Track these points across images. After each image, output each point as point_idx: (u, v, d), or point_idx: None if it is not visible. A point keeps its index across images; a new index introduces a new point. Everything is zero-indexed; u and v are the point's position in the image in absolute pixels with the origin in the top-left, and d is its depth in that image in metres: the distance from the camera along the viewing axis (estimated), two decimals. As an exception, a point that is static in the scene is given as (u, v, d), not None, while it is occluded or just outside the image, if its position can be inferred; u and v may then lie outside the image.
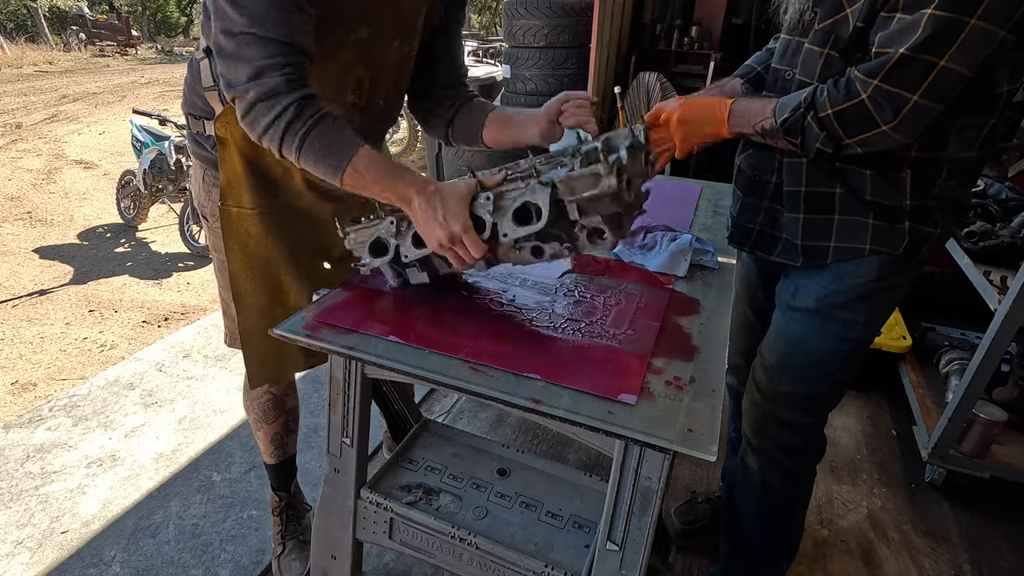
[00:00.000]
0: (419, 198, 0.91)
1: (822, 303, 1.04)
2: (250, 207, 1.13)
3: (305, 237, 1.22)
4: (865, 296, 1.02)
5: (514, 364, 0.88)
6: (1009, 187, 1.98)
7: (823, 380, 1.09)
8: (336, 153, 0.91)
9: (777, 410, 1.14)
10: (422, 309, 1.04)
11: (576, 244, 0.93)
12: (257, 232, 1.15)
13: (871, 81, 0.81)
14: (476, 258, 0.92)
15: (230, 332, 1.32)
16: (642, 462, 0.82)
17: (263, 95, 0.89)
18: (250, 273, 1.18)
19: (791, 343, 1.09)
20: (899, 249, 0.96)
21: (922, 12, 0.76)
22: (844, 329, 1.04)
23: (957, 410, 1.64)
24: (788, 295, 1.10)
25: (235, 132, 1.04)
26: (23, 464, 1.83)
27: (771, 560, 1.30)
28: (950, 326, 2.30)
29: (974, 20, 0.73)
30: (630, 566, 0.89)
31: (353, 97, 1.11)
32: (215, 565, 1.51)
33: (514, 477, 1.22)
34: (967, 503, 1.76)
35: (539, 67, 3.76)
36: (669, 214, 1.49)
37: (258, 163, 1.11)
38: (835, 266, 1.01)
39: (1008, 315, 1.45)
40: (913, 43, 0.77)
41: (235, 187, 1.11)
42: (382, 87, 1.14)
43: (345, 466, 1.11)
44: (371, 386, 1.07)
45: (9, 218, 4.28)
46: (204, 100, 1.10)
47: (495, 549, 1.04)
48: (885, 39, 0.80)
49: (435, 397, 2.16)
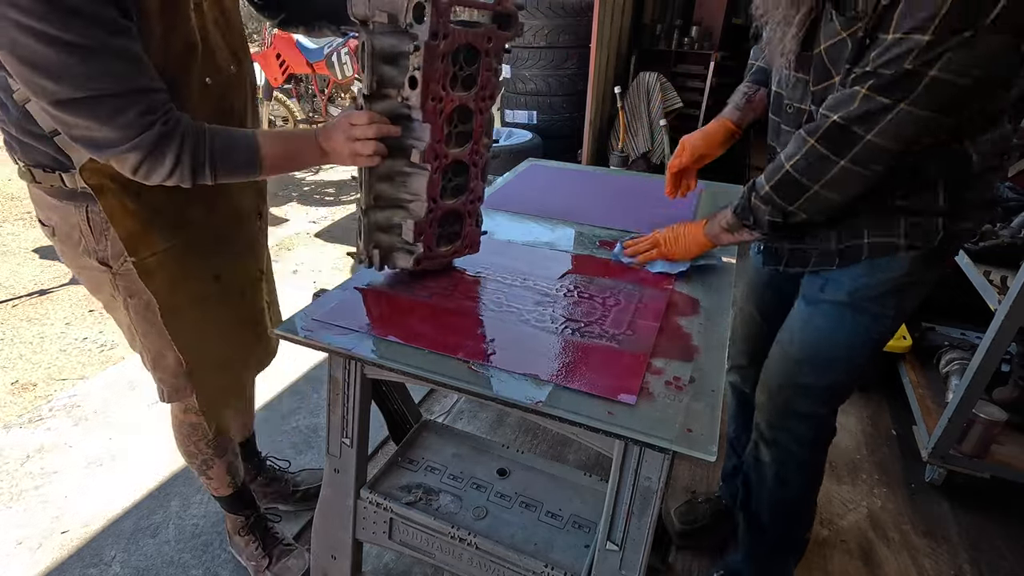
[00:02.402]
0: (326, 143, 0.98)
1: (854, 296, 1.03)
2: (166, 245, 1.02)
3: (233, 252, 1.16)
4: (896, 291, 1.01)
5: (514, 364, 0.88)
6: (1009, 187, 1.98)
7: (848, 372, 1.11)
8: (244, 156, 0.92)
9: (795, 403, 1.14)
10: (422, 309, 1.04)
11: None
12: (188, 266, 1.06)
13: (809, 140, 0.88)
14: (387, 129, 0.97)
15: (169, 386, 1.18)
16: (642, 462, 0.82)
17: (147, 153, 0.83)
18: (198, 313, 1.10)
19: (817, 335, 1.09)
20: (934, 242, 0.96)
21: (855, 89, 0.82)
22: (874, 322, 1.05)
23: (957, 410, 1.64)
24: (815, 289, 1.09)
25: (111, 173, 0.90)
26: (23, 464, 1.83)
27: (790, 546, 1.33)
28: (950, 326, 2.30)
29: (903, 105, 0.79)
30: (630, 566, 0.89)
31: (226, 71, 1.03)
32: (215, 565, 1.51)
33: (514, 477, 1.22)
34: (967, 503, 1.76)
35: (539, 67, 3.76)
36: (668, 214, 1.49)
37: (152, 196, 0.96)
38: (867, 261, 1.01)
39: (1008, 315, 1.45)
40: (845, 114, 0.83)
41: (139, 235, 0.98)
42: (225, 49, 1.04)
43: (345, 466, 1.11)
44: (371, 386, 1.07)
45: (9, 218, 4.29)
46: (50, 145, 0.91)
47: (495, 549, 1.04)
48: (828, 104, 0.86)
49: (435, 397, 2.16)
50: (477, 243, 1.19)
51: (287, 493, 1.64)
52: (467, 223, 1.14)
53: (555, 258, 1.27)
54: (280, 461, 1.70)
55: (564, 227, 1.46)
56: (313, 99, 5.08)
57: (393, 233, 1.08)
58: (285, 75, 4.65)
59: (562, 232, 1.43)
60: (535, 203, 1.59)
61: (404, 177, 1.04)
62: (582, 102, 3.56)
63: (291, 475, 1.68)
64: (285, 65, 4.58)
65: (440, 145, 1.00)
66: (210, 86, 0.98)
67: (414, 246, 1.08)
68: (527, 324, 1.00)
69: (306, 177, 4.75)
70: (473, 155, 1.08)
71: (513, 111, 3.98)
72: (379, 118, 0.96)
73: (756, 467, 1.25)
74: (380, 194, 1.05)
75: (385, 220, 1.08)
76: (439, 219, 1.08)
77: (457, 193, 1.10)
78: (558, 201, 1.60)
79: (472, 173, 1.10)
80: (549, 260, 1.25)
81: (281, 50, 4.51)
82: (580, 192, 1.72)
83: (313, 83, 5.00)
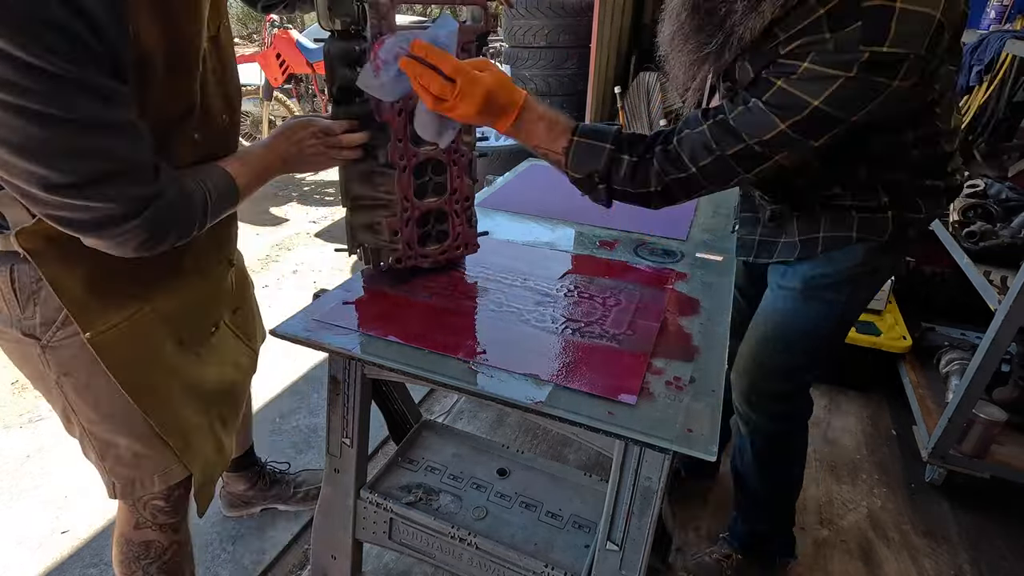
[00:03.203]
0: (280, 159, 0.96)
1: (808, 284, 1.10)
2: (126, 315, 0.88)
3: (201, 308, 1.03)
4: (851, 280, 1.08)
5: (514, 364, 0.88)
6: (1009, 187, 1.98)
7: (806, 353, 1.17)
8: (223, 192, 0.86)
9: (762, 381, 1.22)
10: (422, 309, 1.04)
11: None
12: (154, 336, 0.92)
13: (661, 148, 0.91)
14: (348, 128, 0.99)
15: (122, 479, 0.98)
16: (642, 462, 0.82)
17: (152, 229, 0.74)
18: (171, 385, 0.96)
19: (778, 318, 1.17)
20: (885, 236, 1.02)
21: (688, 132, 0.88)
22: (827, 308, 1.11)
23: (957, 410, 1.64)
24: (778, 275, 1.17)
25: (51, 234, 0.76)
26: (23, 464, 1.83)
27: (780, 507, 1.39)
28: (950, 326, 2.30)
29: (720, 152, 0.85)
30: (630, 566, 0.89)
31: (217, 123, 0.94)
32: (215, 565, 1.51)
33: (514, 477, 1.22)
34: (967, 503, 1.76)
35: (539, 67, 3.76)
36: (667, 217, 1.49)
37: (106, 257, 0.78)
38: (825, 252, 1.07)
39: (1008, 315, 1.45)
40: (680, 140, 0.89)
41: (91, 306, 0.84)
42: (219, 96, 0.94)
43: (345, 466, 1.11)
44: (371, 386, 1.07)
45: None
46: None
47: (495, 549, 1.04)
48: (679, 126, 0.92)
49: (435, 397, 2.16)
50: (474, 243, 1.19)
51: (288, 495, 1.64)
52: (455, 222, 1.14)
53: (555, 258, 1.27)
54: (279, 464, 1.69)
55: (564, 227, 1.46)
56: (313, 99, 5.08)
57: (376, 232, 1.09)
58: (285, 75, 4.65)
59: (562, 232, 1.43)
60: (535, 203, 1.59)
61: (380, 177, 1.06)
62: (582, 102, 3.55)
63: (291, 476, 1.68)
64: (285, 65, 4.57)
65: (404, 144, 1.01)
66: (199, 142, 0.88)
67: (394, 245, 1.08)
68: (527, 324, 1.00)
69: (306, 177, 4.75)
70: (451, 153, 1.08)
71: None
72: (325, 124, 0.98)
73: (739, 436, 1.35)
74: (359, 195, 1.08)
75: (368, 219, 1.09)
76: (418, 218, 1.09)
77: (439, 191, 1.10)
78: (558, 201, 1.60)
79: (452, 171, 1.10)
80: (549, 260, 1.25)
81: (281, 50, 4.51)
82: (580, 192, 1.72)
83: (313, 83, 5.00)
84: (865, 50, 0.73)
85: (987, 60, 1.99)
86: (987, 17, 2.27)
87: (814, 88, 0.76)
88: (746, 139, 0.82)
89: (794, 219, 1.08)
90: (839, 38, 0.74)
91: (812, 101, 0.77)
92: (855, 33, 0.73)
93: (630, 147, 0.91)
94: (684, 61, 0.93)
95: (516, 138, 0.93)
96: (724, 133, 0.84)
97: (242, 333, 1.17)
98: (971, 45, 2.08)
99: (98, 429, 0.94)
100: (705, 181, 0.89)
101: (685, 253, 1.32)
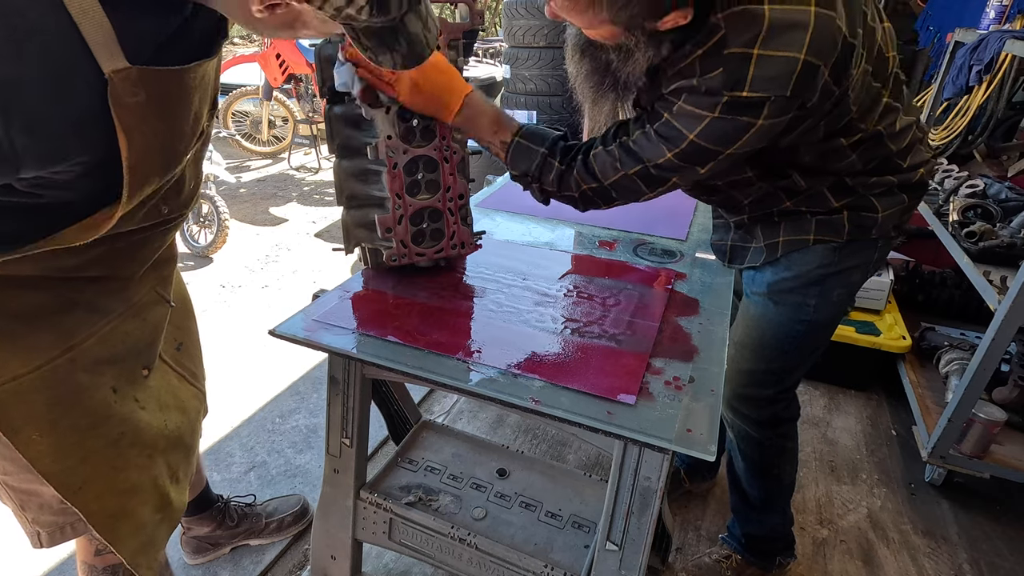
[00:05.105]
0: None
1: (772, 288, 1.11)
2: (34, 367, 0.75)
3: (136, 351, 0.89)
4: (817, 281, 1.08)
5: (514, 364, 0.88)
6: (1009, 187, 1.98)
7: (780, 358, 1.17)
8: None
9: (742, 387, 1.22)
10: (421, 309, 1.04)
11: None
12: (75, 387, 0.79)
13: (581, 158, 0.98)
14: None
15: (47, 527, 0.89)
16: (641, 462, 0.82)
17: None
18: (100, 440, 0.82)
19: (750, 324, 1.18)
20: (843, 236, 1.03)
21: (600, 149, 0.95)
22: (796, 311, 1.11)
23: (957, 410, 1.64)
24: (749, 281, 1.18)
25: None
26: (23, 464, 1.83)
27: (773, 511, 1.38)
28: (950, 326, 2.30)
29: (624, 172, 0.92)
30: (630, 566, 0.89)
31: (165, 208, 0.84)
32: (215, 565, 1.51)
33: (514, 477, 1.22)
34: (967, 503, 1.76)
35: (539, 67, 3.76)
36: (666, 217, 1.49)
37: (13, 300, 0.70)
38: (785, 256, 1.08)
39: (1008, 315, 1.45)
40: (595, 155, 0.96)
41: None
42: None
43: (345, 466, 1.11)
44: (370, 386, 1.07)
45: None
46: None
47: (495, 549, 1.04)
48: (596, 140, 0.97)
49: (435, 397, 2.16)
50: (471, 242, 1.19)
51: (259, 528, 1.52)
52: (450, 220, 1.14)
53: (554, 258, 1.27)
54: (243, 497, 1.56)
55: (563, 227, 1.46)
56: (313, 99, 5.08)
57: (372, 231, 1.09)
58: (285, 75, 4.65)
59: (561, 232, 1.43)
60: (535, 203, 1.58)
61: (373, 175, 1.07)
62: (582, 102, 3.56)
63: (260, 507, 1.56)
64: (285, 65, 4.58)
65: (394, 140, 1.02)
66: (164, 212, 0.82)
67: (388, 243, 1.09)
68: (527, 324, 1.00)
69: (306, 177, 4.75)
70: (442, 150, 1.08)
71: (512, 111, 3.98)
72: None
73: (728, 440, 1.36)
74: (353, 192, 1.09)
75: (362, 217, 1.09)
76: (412, 216, 1.09)
77: (431, 189, 1.10)
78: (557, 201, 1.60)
79: (445, 168, 1.10)
80: (548, 260, 1.25)
81: (281, 50, 4.52)
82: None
83: (313, 83, 5.00)
84: (727, 95, 0.79)
85: (987, 60, 1.99)
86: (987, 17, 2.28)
87: (689, 124, 0.84)
88: (644, 161, 0.90)
89: (757, 225, 1.10)
90: (706, 82, 0.81)
91: (687, 135, 0.84)
92: (718, 79, 0.79)
93: (562, 155, 0.99)
94: (589, 97, 1.02)
95: (463, 129, 1.03)
96: (626, 154, 0.92)
97: (186, 372, 1.06)
98: (971, 45, 2.08)
99: (15, 480, 0.83)
100: (615, 195, 0.97)
101: (685, 253, 1.32)
